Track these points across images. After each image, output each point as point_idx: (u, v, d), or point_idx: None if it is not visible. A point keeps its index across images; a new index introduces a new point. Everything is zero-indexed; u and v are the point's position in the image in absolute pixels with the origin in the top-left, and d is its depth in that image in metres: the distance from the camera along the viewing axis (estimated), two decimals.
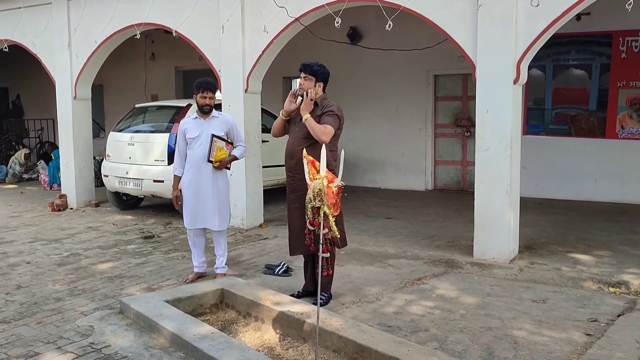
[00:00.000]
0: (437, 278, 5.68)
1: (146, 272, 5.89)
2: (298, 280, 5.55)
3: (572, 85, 9.42)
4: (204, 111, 5.48)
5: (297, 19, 6.96)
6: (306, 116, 4.59)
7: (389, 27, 5.76)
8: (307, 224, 3.46)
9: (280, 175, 9.35)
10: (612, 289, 5.29)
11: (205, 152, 5.42)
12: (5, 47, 9.98)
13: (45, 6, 9.35)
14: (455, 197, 10.14)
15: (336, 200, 3.33)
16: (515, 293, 5.17)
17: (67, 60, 9.24)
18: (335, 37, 10.74)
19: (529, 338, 4.16)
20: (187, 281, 5.50)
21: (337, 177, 3.37)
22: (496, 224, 5.97)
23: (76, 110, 9.42)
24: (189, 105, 8.28)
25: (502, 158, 5.88)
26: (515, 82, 5.81)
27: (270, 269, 5.83)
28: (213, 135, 5.41)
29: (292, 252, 5.10)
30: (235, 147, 5.57)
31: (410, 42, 10.12)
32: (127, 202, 9.19)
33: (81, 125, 9.52)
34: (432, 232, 7.44)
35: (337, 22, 5.93)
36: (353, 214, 8.68)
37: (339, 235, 3.45)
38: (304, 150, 3.69)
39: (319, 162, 3.32)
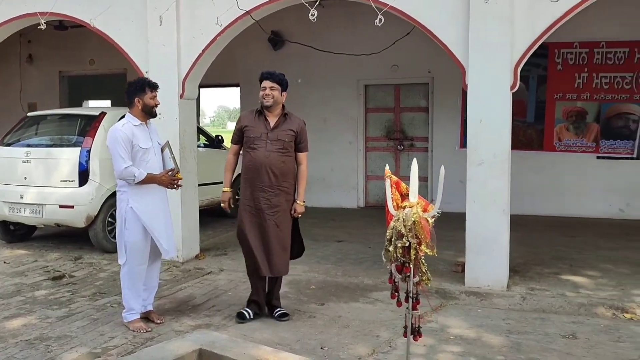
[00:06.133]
0: (438, 313, 4.90)
1: (77, 329, 4.48)
2: (285, 328, 4.50)
3: None
4: (153, 114, 4.57)
5: (248, 12, 5.91)
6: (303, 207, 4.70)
7: (379, 22, 4.93)
8: (393, 270, 2.49)
9: (212, 195, 8.16)
10: (627, 315, 4.85)
11: (160, 164, 4.58)
12: None
13: None
14: None
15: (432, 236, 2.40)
16: (537, 327, 4.54)
17: None
18: (256, 42, 9.81)
19: None
20: (147, 331, 4.41)
21: (436, 202, 2.44)
22: (491, 248, 5.33)
23: None
24: (103, 114, 6.83)
25: (499, 173, 5.27)
26: (512, 88, 5.25)
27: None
28: (168, 143, 4.67)
29: (262, 273, 4.62)
30: None
31: (337, 47, 9.45)
32: (15, 233, 7.44)
33: None
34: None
35: (313, 15, 4.98)
36: None
37: (430, 283, 2.52)
38: (386, 167, 2.72)
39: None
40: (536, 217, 8.74)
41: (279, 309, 4.69)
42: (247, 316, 4.62)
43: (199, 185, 7.09)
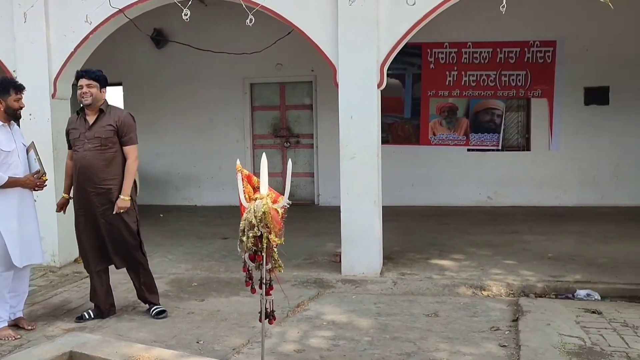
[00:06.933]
0: (315, 302, 5.14)
1: None
2: (162, 326, 4.53)
3: (388, 94, 9.63)
4: (17, 117, 4.48)
5: (121, 10, 5.84)
6: (126, 202, 4.53)
7: (250, 21, 5.06)
8: (246, 258, 2.63)
9: None
10: (485, 293, 5.34)
11: (26, 167, 4.45)
12: None
13: None
14: None
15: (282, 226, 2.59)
16: (404, 309, 4.88)
17: None
18: (138, 40, 9.63)
19: (453, 359, 3.85)
20: (16, 339, 4.29)
21: (284, 194, 2.62)
22: (365, 237, 5.65)
23: None
24: None
25: (370, 166, 5.59)
26: (379, 86, 5.58)
27: None
28: (33, 144, 4.55)
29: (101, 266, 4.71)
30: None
31: (223, 46, 9.48)
32: None
33: None
34: (281, 249, 6.85)
35: (186, 15, 5.03)
36: (183, 236, 7.71)
37: (282, 269, 2.70)
38: (237, 162, 2.85)
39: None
40: (414, 208, 9.27)
41: (155, 307, 4.71)
42: (86, 316, 4.65)
43: None
